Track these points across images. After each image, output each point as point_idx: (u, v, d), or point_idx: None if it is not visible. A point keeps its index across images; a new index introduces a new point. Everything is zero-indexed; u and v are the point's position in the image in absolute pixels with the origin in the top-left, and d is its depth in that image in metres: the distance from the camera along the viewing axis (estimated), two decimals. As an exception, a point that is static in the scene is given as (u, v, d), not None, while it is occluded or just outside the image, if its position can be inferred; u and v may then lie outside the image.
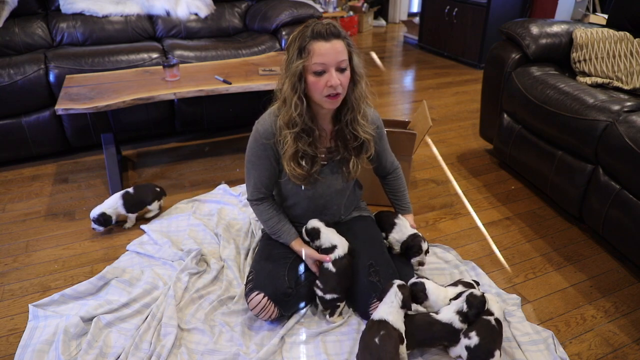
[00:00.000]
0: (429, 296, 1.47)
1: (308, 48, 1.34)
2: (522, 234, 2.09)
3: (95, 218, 1.99)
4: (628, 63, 2.27)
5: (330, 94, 1.37)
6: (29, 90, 2.48)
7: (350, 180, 1.60)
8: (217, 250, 1.92)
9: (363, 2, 6.17)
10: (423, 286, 1.48)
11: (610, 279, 1.82)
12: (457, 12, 4.62)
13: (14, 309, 1.66)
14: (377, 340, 1.31)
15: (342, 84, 1.37)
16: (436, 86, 4.07)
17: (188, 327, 1.55)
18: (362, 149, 1.56)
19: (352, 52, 1.40)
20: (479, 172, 2.61)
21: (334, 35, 1.35)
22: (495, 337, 1.36)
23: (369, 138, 1.53)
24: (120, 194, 2.07)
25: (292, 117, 1.42)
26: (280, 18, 3.05)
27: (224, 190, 2.35)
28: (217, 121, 2.98)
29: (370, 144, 1.56)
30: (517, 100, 2.32)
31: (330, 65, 1.34)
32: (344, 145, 1.53)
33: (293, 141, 1.45)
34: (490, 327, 1.37)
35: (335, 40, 1.35)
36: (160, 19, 3.17)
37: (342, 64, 1.36)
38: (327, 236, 1.58)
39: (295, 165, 1.48)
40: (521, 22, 2.49)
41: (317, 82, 1.36)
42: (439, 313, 1.42)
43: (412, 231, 1.70)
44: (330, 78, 1.34)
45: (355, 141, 1.52)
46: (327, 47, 1.33)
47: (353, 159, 1.54)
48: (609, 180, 1.87)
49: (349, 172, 1.56)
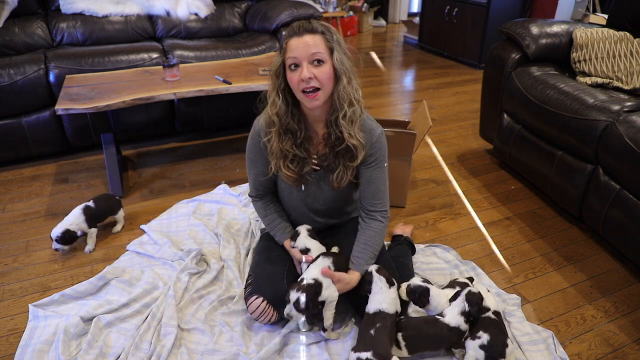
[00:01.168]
0: (431, 302, 1.46)
1: (284, 45, 1.37)
2: (522, 234, 2.09)
3: (59, 237, 1.84)
4: (628, 63, 2.27)
5: (305, 89, 1.35)
6: (29, 90, 2.48)
7: (336, 188, 1.52)
8: (217, 250, 1.92)
9: (363, 2, 6.17)
10: (427, 292, 1.47)
11: (610, 279, 1.82)
12: (457, 12, 4.62)
13: (14, 309, 1.66)
14: (372, 332, 1.34)
15: (318, 77, 1.34)
16: (436, 86, 4.07)
17: (188, 327, 1.55)
18: (349, 155, 1.45)
19: (334, 47, 1.37)
20: (479, 172, 2.61)
21: (307, 31, 1.35)
22: (501, 329, 1.38)
23: (356, 144, 1.43)
24: (80, 209, 1.94)
25: (269, 116, 1.44)
26: (280, 18, 3.05)
27: (224, 190, 2.35)
28: (217, 121, 2.98)
29: (357, 152, 1.44)
30: (517, 100, 2.32)
31: (301, 59, 1.34)
32: (332, 150, 1.48)
33: (277, 141, 1.45)
34: (493, 321, 1.39)
35: (307, 35, 1.35)
36: (160, 19, 3.17)
37: (316, 56, 1.34)
38: (302, 240, 1.57)
39: (286, 167, 1.48)
40: (521, 22, 2.49)
41: (292, 77, 1.37)
42: (444, 316, 1.40)
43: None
44: (302, 71, 1.34)
45: (341, 145, 1.44)
46: (298, 41, 1.34)
47: (340, 167, 1.48)
48: (609, 180, 1.87)
49: (333, 181, 1.50)
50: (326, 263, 1.44)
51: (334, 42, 1.37)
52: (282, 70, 1.40)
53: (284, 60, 1.37)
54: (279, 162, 1.48)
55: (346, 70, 1.38)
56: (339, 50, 1.37)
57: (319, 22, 1.38)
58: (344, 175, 1.48)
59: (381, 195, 1.54)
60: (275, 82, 1.41)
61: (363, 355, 1.29)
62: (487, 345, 1.34)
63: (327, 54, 1.36)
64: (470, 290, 1.41)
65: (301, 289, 1.37)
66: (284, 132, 1.45)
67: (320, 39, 1.35)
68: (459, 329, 1.38)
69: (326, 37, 1.36)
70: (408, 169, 2.16)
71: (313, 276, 1.40)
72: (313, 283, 1.39)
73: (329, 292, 1.41)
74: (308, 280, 1.39)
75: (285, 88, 1.41)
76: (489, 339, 1.34)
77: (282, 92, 1.41)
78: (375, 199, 1.53)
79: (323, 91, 1.37)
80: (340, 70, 1.37)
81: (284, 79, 1.40)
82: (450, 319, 1.39)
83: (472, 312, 1.39)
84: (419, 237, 2.06)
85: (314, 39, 1.34)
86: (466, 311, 1.39)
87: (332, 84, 1.38)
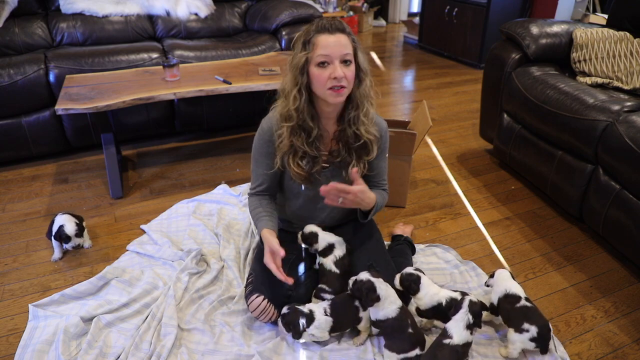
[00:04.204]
0: (420, 289, 1.46)
1: (312, 41, 1.36)
2: (522, 234, 2.09)
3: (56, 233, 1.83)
4: (628, 63, 2.27)
5: (333, 87, 1.36)
6: (29, 90, 2.48)
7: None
8: (217, 250, 1.92)
9: (363, 2, 6.17)
10: (418, 278, 1.47)
11: (610, 279, 1.82)
12: (457, 12, 4.62)
13: (14, 309, 1.66)
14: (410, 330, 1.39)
15: (347, 77, 1.37)
16: (436, 86, 4.07)
17: (188, 327, 1.55)
18: (364, 150, 1.52)
19: (357, 48, 1.40)
20: (479, 172, 2.61)
21: (339, 30, 1.37)
22: (540, 314, 1.43)
23: (372, 139, 1.50)
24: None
25: (289, 110, 1.44)
26: (280, 18, 3.06)
27: (224, 190, 2.35)
28: (217, 121, 2.98)
29: (372, 146, 1.52)
30: (517, 100, 2.32)
31: (334, 57, 1.35)
32: (345, 147, 1.51)
33: (289, 136, 1.45)
34: (531, 309, 1.42)
35: (339, 34, 1.36)
36: (160, 19, 3.17)
37: (347, 57, 1.36)
38: (323, 237, 1.58)
39: (295, 164, 1.48)
40: (521, 22, 2.49)
41: (320, 74, 1.36)
42: (452, 337, 1.35)
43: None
44: (334, 69, 1.35)
45: (357, 141, 1.49)
46: (331, 39, 1.35)
47: (354, 162, 1.52)
48: (609, 180, 1.87)
49: (347, 176, 1.53)
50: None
51: (357, 42, 1.41)
52: (306, 66, 1.39)
53: (310, 56, 1.37)
54: (288, 158, 1.48)
55: (367, 70, 1.43)
56: (361, 51, 1.41)
57: (344, 22, 1.40)
58: (358, 169, 1.51)
59: (383, 176, 1.66)
60: (298, 78, 1.40)
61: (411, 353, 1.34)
62: (538, 337, 1.37)
63: (353, 54, 1.39)
64: (471, 300, 1.39)
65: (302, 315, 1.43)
66: (299, 128, 1.45)
67: (347, 39, 1.38)
68: (469, 343, 1.37)
69: (352, 37, 1.40)
70: (408, 169, 2.16)
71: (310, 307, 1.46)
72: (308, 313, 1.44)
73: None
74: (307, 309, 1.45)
75: (308, 84, 1.41)
76: (537, 330, 1.37)
77: (305, 89, 1.41)
78: (377, 179, 1.64)
79: (347, 89, 1.40)
80: (364, 71, 1.42)
81: (307, 75, 1.40)
82: (459, 338, 1.34)
83: (477, 322, 1.38)
84: (419, 237, 2.06)
85: (345, 39, 1.37)
86: (471, 323, 1.36)
87: (353, 83, 1.42)
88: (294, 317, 1.41)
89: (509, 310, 1.45)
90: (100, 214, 2.20)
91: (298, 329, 1.41)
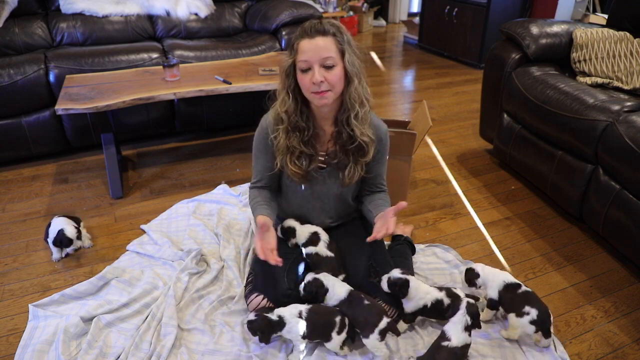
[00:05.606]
0: (410, 293, 1.46)
1: (295, 46, 1.37)
2: (522, 234, 2.09)
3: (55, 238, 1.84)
4: (628, 63, 2.27)
5: (315, 91, 1.37)
6: (29, 90, 2.48)
7: (345, 185, 1.56)
8: (217, 250, 1.92)
9: (363, 2, 6.16)
10: (407, 283, 1.46)
11: (610, 279, 1.82)
12: (457, 12, 4.62)
13: (14, 309, 1.66)
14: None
15: (328, 80, 1.35)
16: (436, 86, 4.06)
17: (188, 327, 1.55)
18: (360, 152, 1.50)
19: (345, 49, 1.37)
20: (479, 172, 2.61)
21: (319, 32, 1.35)
22: (540, 300, 1.47)
23: (367, 141, 1.48)
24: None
25: (278, 114, 1.46)
26: (280, 18, 3.05)
27: (224, 190, 2.35)
28: (217, 121, 2.98)
29: (368, 148, 1.49)
30: (517, 100, 2.32)
31: (312, 62, 1.34)
32: (342, 148, 1.50)
33: (285, 137, 1.46)
34: (532, 294, 1.47)
35: (319, 37, 1.34)
36: (160, 19, 3.17)
37: (327, 61, 1.34)
38: (302, 230, 1.60)
39: (292, 163, 1.49)
40: (521, 22, 2.49)
41: (303, 78, 1.38)
42: (451, 339, 1.35)
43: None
44: (312, 74, 1.34)
45: (352, 143, 1.47)
46: (309, 44, 1.34)
47: (351, 164, 1.51)
48: (609, 180, 1.87)
49: (344, 178, 1.53)
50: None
51: (345, 43, 1.37)
52: (292, 70, 1.40)
53: (295, 61, 1.38)
54: (285, 158, 1.49)
55: (357, 71, 1.40)
56: (350, 52, 1.38)
57: (330, 22, 1.38)
58: (355, 171, 1.51)
59: (382, 179, 1.66)
60: (286, 82, 1.42)
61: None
62: (538, 320, 1.40)
63: (339, 56, 1.37)
64: (469, 302, 1.40)
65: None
66: (292, 129, 1.46)
67: (331, 41, 1.35)
68: (467, 344, 1.36)
69: (337, 38, 1.37)
70: (408, 169, 2.16)
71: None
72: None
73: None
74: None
75: (295, 88, 1.42)
76: (537, 312, 1.40)
77: (292, 92, 1.42)
78: (376, 181, 1.64)
79: (333, 92, 1.39)
80: (352, 72, 1.39)
81: (294, 78, 1.41)
82: (457, 340, 1.34)
83: (476, 323, 1.38)
84: (419, 237, 2.06)
85: (325, 42, 1.35)
86: (469, 325, 1.36)
87: (342, 84, 1.40)
88: (260, 323, 1.40)
89: (511, 298, 1.47)
90: (100, 214, 2.20)
91: (265, 334, 1.40)
